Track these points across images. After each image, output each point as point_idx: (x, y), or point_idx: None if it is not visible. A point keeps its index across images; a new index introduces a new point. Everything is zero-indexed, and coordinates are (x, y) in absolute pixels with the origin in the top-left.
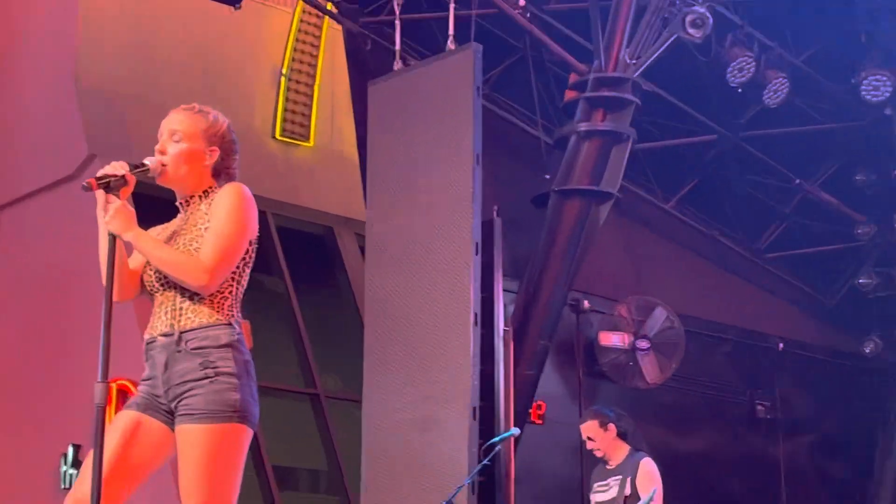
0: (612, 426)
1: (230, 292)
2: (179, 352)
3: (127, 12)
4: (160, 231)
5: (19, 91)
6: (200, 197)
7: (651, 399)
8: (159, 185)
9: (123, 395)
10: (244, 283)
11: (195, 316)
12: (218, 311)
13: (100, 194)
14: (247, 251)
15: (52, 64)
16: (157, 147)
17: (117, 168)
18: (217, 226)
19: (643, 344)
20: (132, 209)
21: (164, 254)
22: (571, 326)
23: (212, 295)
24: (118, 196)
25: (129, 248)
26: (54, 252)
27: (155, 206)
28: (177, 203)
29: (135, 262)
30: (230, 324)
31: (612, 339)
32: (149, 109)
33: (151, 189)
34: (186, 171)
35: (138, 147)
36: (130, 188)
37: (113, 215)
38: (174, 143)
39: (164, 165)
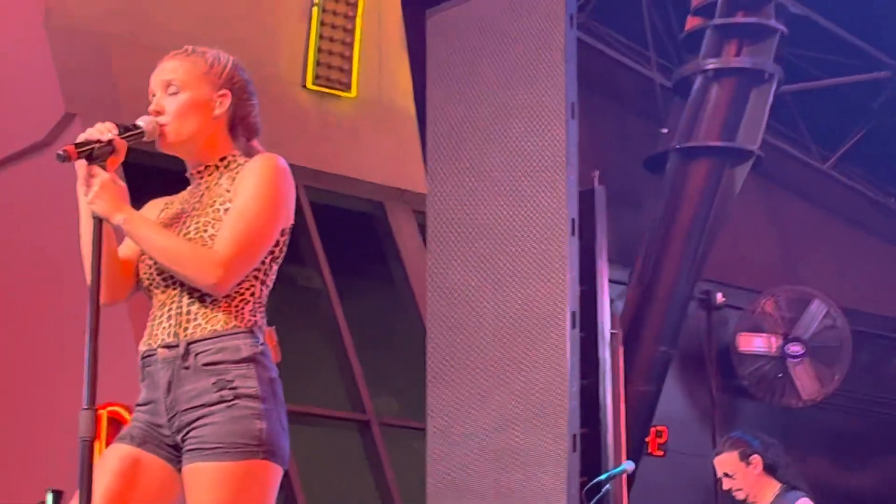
0: (756, 458)
1: (252, 293)
2: (187, 368)
3: None
4: (161, 209)
5: None
6: (217, 167)
7: (809, 422)
8: (159, 152)
9: (115, 424)
10: (270, 281)
11: (207, 322)
12: (236, 316)
13: (80, 165)
14: (277, 242)
15: None
16: (151, 107)
17: (103, 132)
18: (241, 207)
19: (796, 349)
20: (123, 184)
21: (166, 241)
22: (700, 327)
23: (229, 296)
24: (104, 168)
25: (119, 233)
26: (23, 240)
27: (153, 178)
28: (186, 175)
29: (127, 249)
30: (251, 331)
31: (755, 344)
32: (140, 54)
33: (147, 157)
34: (193, 127)
35: (128, 103)
36: (120, 157)
37: (98, 192)
38: (170, 96)
39: (162, 126)
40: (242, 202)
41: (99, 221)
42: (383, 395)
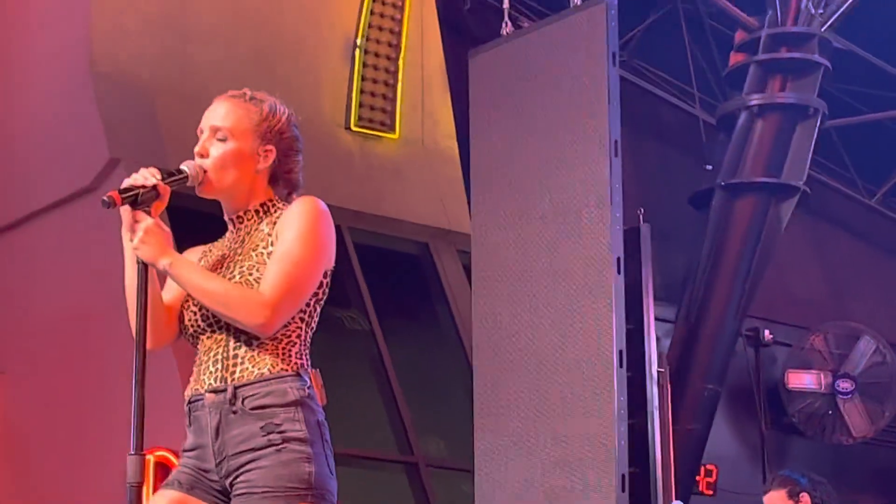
0: (805, 497)
1: (298, 336)
2: (235, 412)
3: None
4: (201, 256)
5: (22, 85)
6: (258, 212)
7: (859, 459)
8: (200, 197)
9: (163, 469)
10: (314, 323)
11: (254, 366)
12: (283, 360)
13: (125, 211)
14: (320, 284)
15: (61, 46)
16: (197, 148)
17: (147, 177)
18: (284, 250)
19: (846, 385)
20: (167, 229)
21: (212, 285)
22: (748, 365)
23: (275, 339)
24: (149, 213)
25: (162, 277)
26: (69, 284)
27: (196, 223)
28: (226, 219)
29: (171, 294)
30: (298, 374)
31: (805, 381)
32: (184, 101)
33: (190, 201)
34: (234, 177)
35: (172, 148)
36: (164, 202)
37: (143, 238)
38: (217, 141)
39: (205, 172)
40: (286, 245)
41: (144, 267)
42: (431, 436)
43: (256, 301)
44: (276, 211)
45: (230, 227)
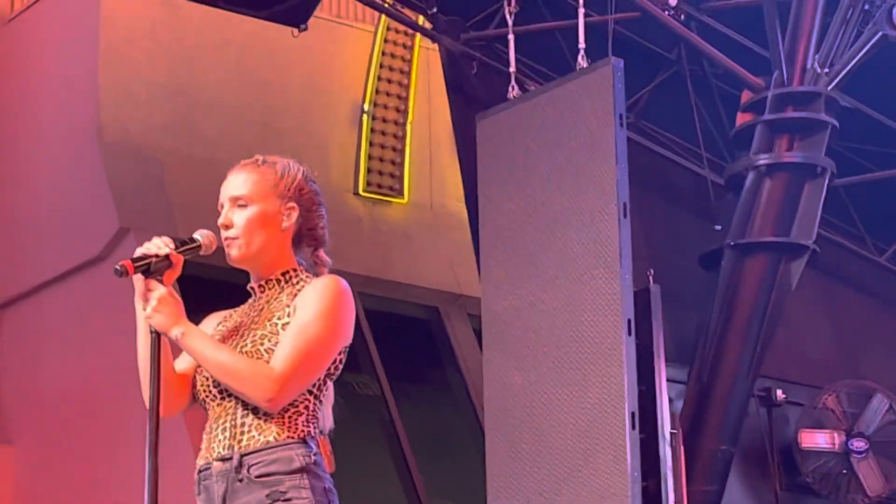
0: None
1: (306, 406)
2: (241, 481)
3: (159, 43)
4: (220, 322)
5: (31, 155)
6: (279, 281)
7: None
8: (215, 265)
9: None
10: (324, 397)
11: (260, 434)
12: (289, 428)
13: (138, 280)
14: (334, 361)
15: (69, 115)
16: (220, 220)
17: (160, 246)
18: (301, 326)
19: (860, 444)
20: (179, 299)
21: (222, 356)
22: (762, 425)
23: (283, 408)
24: (161, 282)
25: (175, 346)
26: (79, 355)
27: (209, 292)
28: (248, 287)
29: (184, 363)
30: (304, 442)
31: (818, 440)
32: (193, 169)
33: (204, 270)
34: (262, 240)
35: (182, 217)
36: (177, 271)
37: (156, 307)
38: (239, 210)
39: (232, 240)
40: (303, 321)
41: (157, 336)
42: (443, 501)
43: (265, 376)
44: (298, 282)
45: (252, 295)
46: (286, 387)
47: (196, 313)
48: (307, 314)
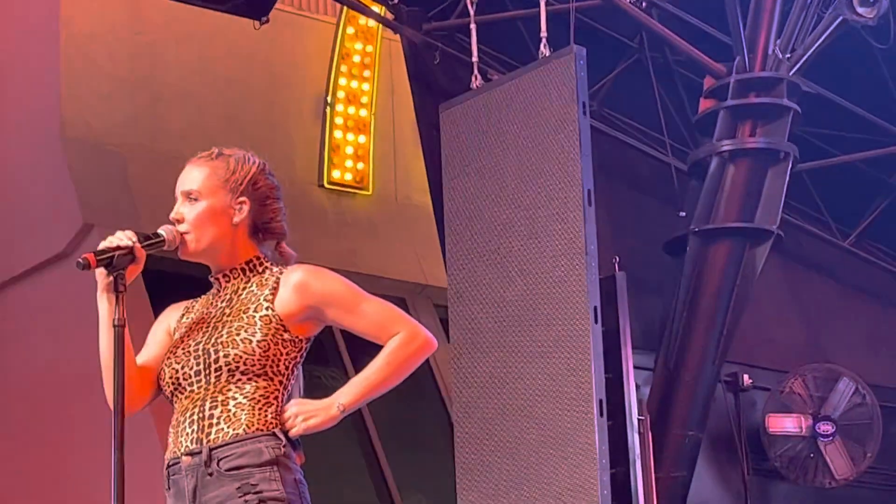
0: None
1: (276, 397)
2: (211, 475)
3: (120, 38)
4: (182, 314)
5: None
6: (244, 270)
7: (844, 501)
8: (179, 259)
9: None
10: (290, 386)
11: (229, 426)
12: (259, 420)
13: (101, 274)
14: (300, 349)
15: (31, 112)
16: (172, 215)
17: (122, 239)
18: (359, 307)
19: (826, 428)
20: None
21: (387, 369)
22: (728, 410)
23: (252, 399)
24: (124, 276)
25: (137, 341)
26: (43, 352)
27: (173, 285)
28: (210, 278)
29: (145, 356)
30: (274, 434)
31: (785, 424)
32: (156, 164)
33: (168, 264)
34: (212, 235)
35: (146, 212)
36: (140, 266)
37: (309, 419)
38: (190, 204)
39: (182, 234)
40: (355, 305)
41: (120, 330)
42: (413, 491)
43: (405, 341)
44: (264, 271)
45: (215, 285)
46: (416, 325)
47: (160, 307)
48: (341, 299)
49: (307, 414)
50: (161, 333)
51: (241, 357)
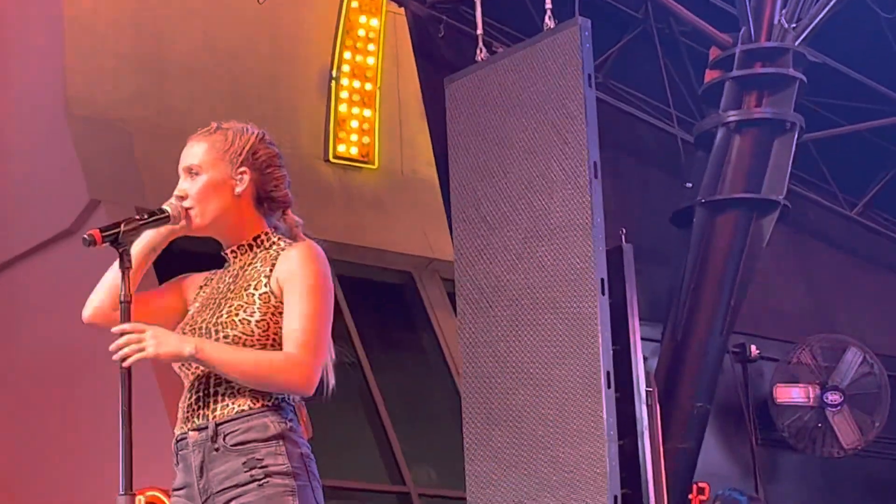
0: None
1: None
2: (217, 450)
3: (125, 14)
4: (201, 286)
5: (1, 129)
6: (251, 246)
7: (851, 470)
8: (186, 236)
9: None
10: None
11: (234, 402)
12: (263, 395)
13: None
14: None
15: (36, 89)
16: (175, 192)
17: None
18: (301, 309)
19: (834, 397)
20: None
21: (247, 362)
22: (736, 381)
23: None
24: (129, 253)
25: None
26: (52, 328)
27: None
28: (222, 253)
29: (147, 292)
30: (279, 408)
31: (793, 395)
32: (162, 140)
33: (176, 242)
34: (217, 207)
35: (152, 188)
36: (174, 230)
37: (157, 342)
38: (192, 179)
39: (187, 210)
40: (299, 303)
41: (126, 306)
42: (421, 465)
43: (295, 363)
44: (271, 246)
45: (227, 261)
46: (313, 367)
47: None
48: (299, 295)
49: (161, 340)
50: (174, 288)
51: (239, 338)
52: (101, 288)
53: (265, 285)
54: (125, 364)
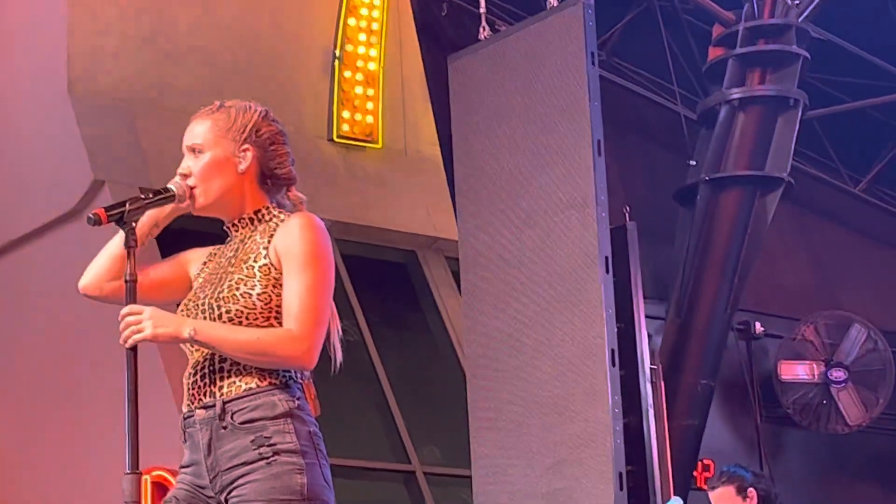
0: (752, 491)
1: None
2: (225, 428)
3: None
4: (205, 261)
5: (2, 111)
6: (252, 220)
7: (856, 447)
8: (190, 215)
9: (160, 489)
10: None
11: (241, 380)
12: (270, 372)
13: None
14: None
15: (39, 69)
16: (179, 170)
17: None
18: (300, 281)
19: (839, 374)
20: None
21: (242, 338)
22: (741, 358)
23: None
24: (134, 232)
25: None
26: (58, 308)
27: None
28: (224, 227)
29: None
30: (287, 385)
31: (797, 371)
32: (165, 119)
33: (179, 220)
34: (220, 185)
35: (155, 167)
36: (176, 207)
37: (155, 323)
38: (195, 158)
39: (192, 188)
40: (299, 277)
41: (132, 285)
42: (427, 444)
43: (290, 338)
44: (271, 219)
45: (228, 234)
46: (312, 340)
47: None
48: (298, 268)
49: (158, 322)
50: (177, 263)
51: (242, 312)
52: (99, 259)
53: (264, 257)
54: (126, 345)
